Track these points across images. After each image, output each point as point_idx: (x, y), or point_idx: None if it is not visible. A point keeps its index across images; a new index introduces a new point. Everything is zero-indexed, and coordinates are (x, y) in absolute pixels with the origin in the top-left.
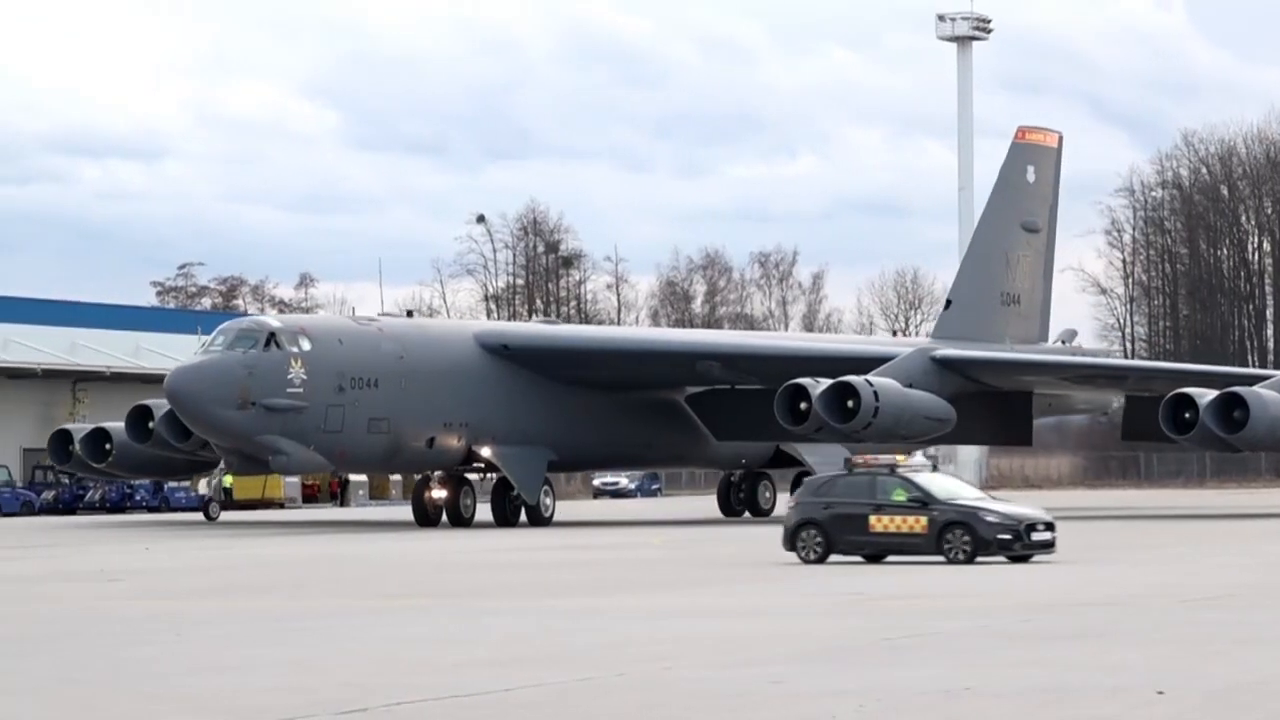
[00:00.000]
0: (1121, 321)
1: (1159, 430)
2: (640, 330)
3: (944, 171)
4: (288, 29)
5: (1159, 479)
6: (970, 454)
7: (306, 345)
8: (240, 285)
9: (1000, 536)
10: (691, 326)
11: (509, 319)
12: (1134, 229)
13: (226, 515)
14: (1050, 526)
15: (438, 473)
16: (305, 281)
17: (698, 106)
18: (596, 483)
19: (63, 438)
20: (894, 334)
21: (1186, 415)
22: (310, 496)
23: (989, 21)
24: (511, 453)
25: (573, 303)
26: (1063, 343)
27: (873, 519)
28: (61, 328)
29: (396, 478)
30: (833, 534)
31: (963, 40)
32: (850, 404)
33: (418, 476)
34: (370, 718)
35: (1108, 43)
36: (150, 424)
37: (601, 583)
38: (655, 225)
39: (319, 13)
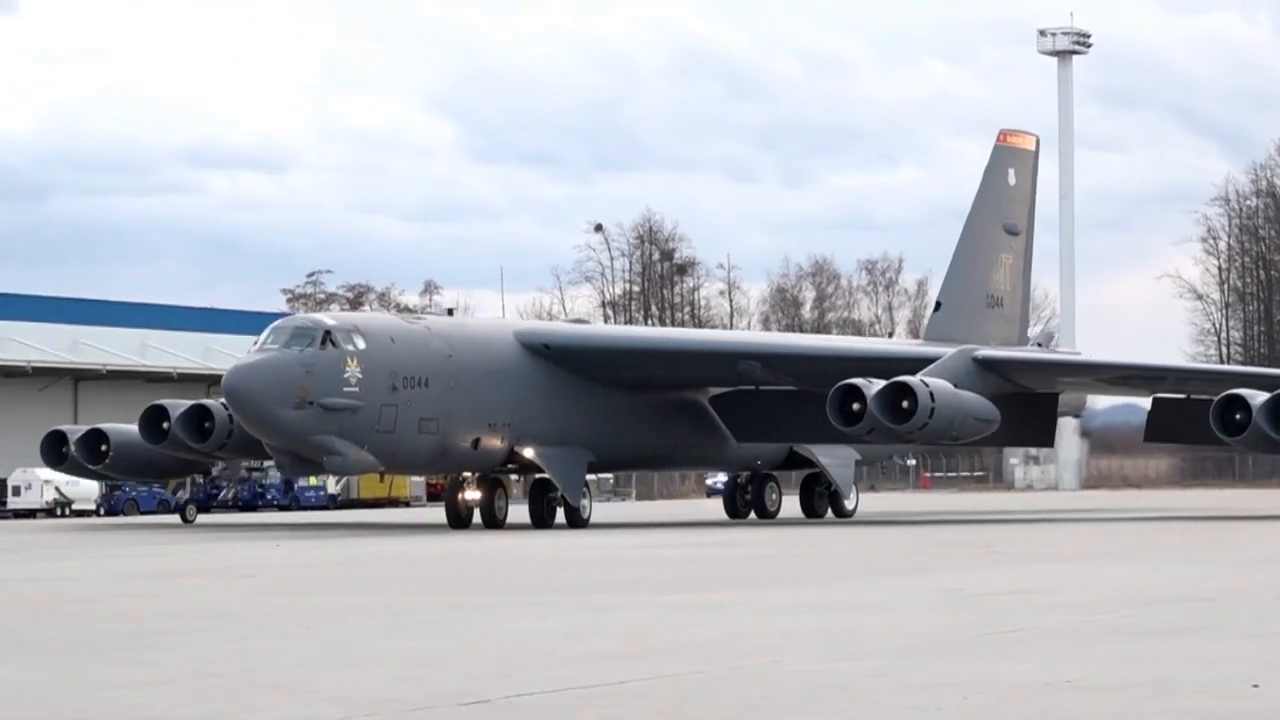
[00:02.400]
0: (1217, 326)
1: (1184, 431)
2: (679, 331)
3: (1040, 180)
4: (407, 46)
5: (1254, 480)
6: (1071, 454)
7: (361, 344)
8: (367, 292)
9: None
10: (801, 331)
11: (626, 324)
12: (1229, 237)
13: (352, 515)
14: None
15: (471, 474)
16: (430, 288)
17: (800, 118)
18: (709, 482)
19: (57, 439)
20: (889, 335)
21: (1238, 417)
22: (435, 495)
23: (1089, 36)
24: (554, 454)
25: (686, 309)
26: (1039, 345)
27: None
28: (196, 333)
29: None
30: None
31: (1063, 54)
32: (905, 404)
33: (447, 478)
34: (491, 709)
35: (1197, 56)
36: (165, 424)
37: (711, 578)
38: (764, 234)
39: (437, 30)
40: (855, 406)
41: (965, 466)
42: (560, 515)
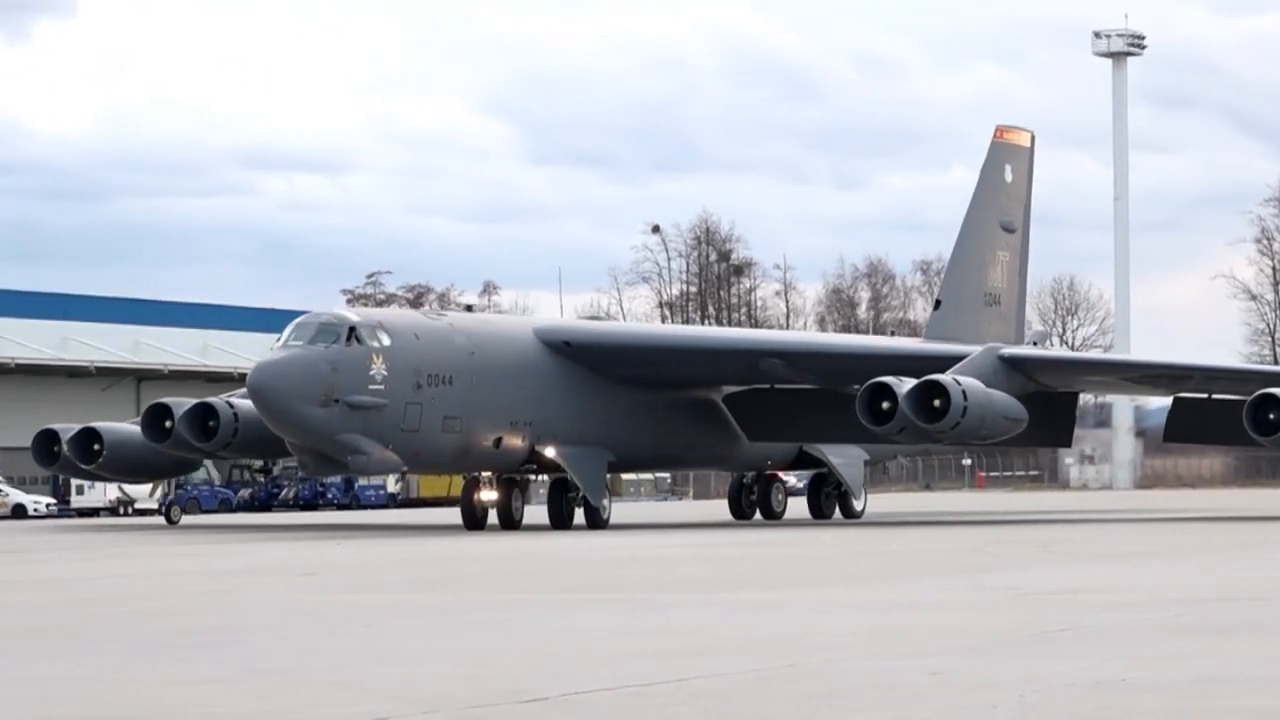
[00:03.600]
0: (1271, 326)
1: (1205, 431)
2: (699, 329)
3: (1094, 182)
4: (462, 49)
5: None
6: (1125, 454)
7: (386, 340)
8: (427, 293)
9: None
10: (857, 331)
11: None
12: None
13: (413, 514)
14: None
15: (486, 474)
16: (488, 289)
17: (853, 120)
18: None
19: (48, 438)
20: (890, 334)
21: (1271, 416)
22: None
23: (1143, 38)
24: (575, 453)
25: (743, 309)
26: (1034, 344)
27: None
28: (256, 333)
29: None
30: None
31: (1118, 56)
32: (937, 403)
33: (464, 478)
34: (549, 706)
35: (1249, 57)
36: (168, 423)
37: (762, 577)
38: (819, 234)
39: (493, 33)
40: (885, 405)
41: (1020, 465)
42: (579, 516)
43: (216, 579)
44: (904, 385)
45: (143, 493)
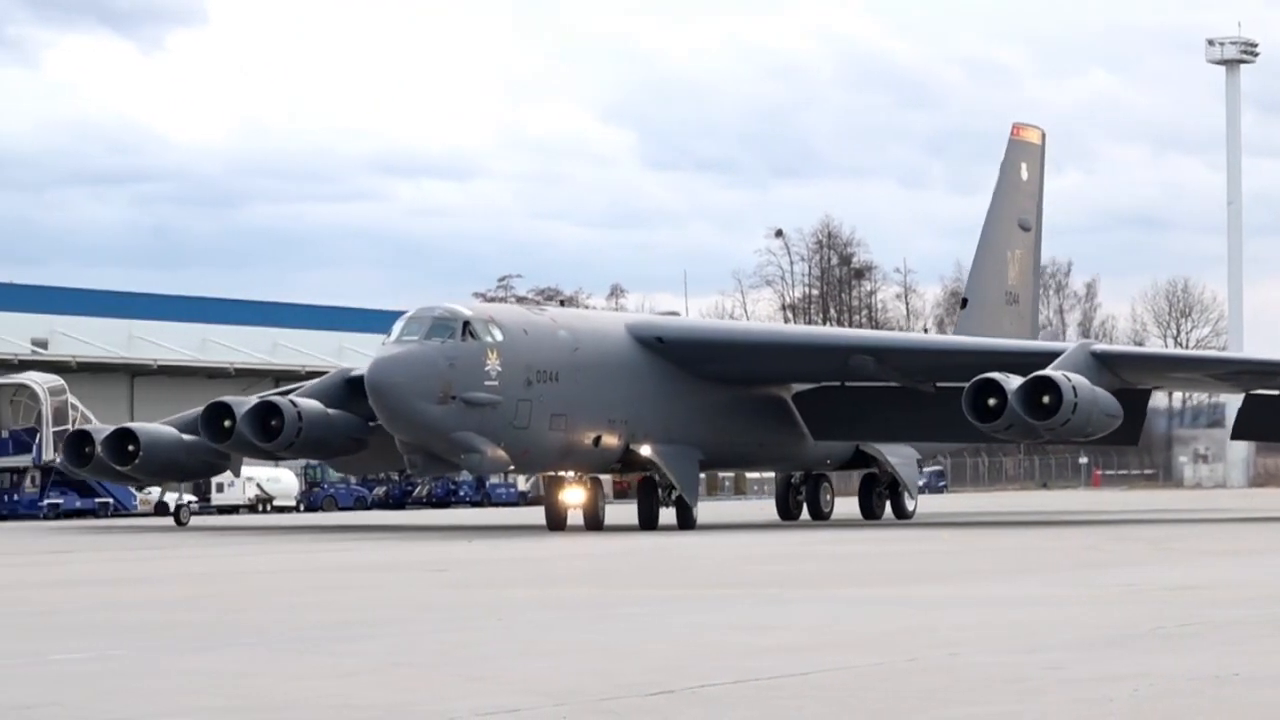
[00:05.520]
0: None
1: (1275, 429)
2: (786, 326)
3: (1206, 187)
4: (586, 57)
5: None
6: (1239, 452)
7: (499, 335)
8: (556, 295)
9: None
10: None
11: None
12: None
13: (533, 512)
14: None
15: (572, 473)
16: (616, 292)
17: (966, 125)
18: None
19: (80, 439)
20: (923, 330)
21: None
22: (620, 493)
23: (1255, 45)
24: (669, 451)
25: (864, 311)
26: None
27: None
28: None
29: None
30: None
31: (1231, 64)
32: (1046, 400)
33: (545, 476)
34: (676, 699)
35: None
36: (227, 423)
37: (879, 573)
38: (936, 238)
39: (615, 42)
40: (991, 402)
41: (1135, 464)
42: (664, 517)
43: (349, 574)
44: (1012, 381)
45: (282, 490)
